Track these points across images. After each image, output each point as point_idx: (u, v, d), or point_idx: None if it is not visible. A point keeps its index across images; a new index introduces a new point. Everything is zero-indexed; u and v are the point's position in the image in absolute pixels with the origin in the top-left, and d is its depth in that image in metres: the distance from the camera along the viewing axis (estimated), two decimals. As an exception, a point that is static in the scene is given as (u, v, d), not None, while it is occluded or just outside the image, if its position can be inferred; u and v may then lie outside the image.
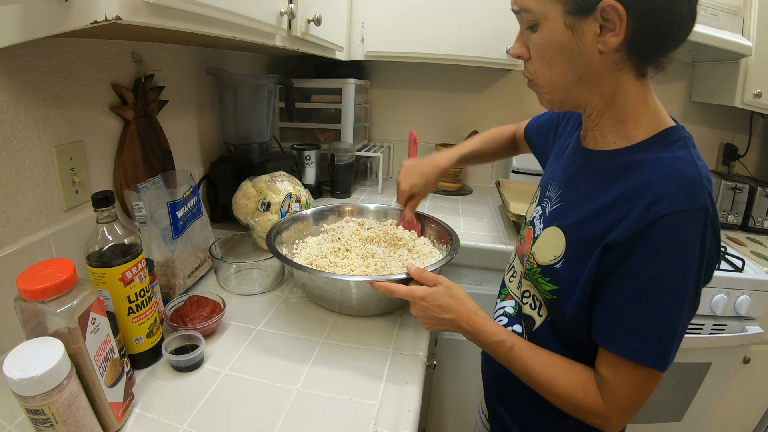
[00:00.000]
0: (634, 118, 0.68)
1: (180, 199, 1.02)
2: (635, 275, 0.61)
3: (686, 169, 0.61)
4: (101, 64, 1.00)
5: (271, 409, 0.74)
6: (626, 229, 0.61)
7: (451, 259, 1.01)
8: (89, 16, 0.59)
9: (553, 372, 0.70)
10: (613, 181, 0.67)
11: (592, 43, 0.62)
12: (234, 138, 1.53)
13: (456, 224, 1.66)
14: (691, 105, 2.09)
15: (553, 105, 0.73)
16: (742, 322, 1.52)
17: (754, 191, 1.89)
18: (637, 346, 0.62)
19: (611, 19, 0.59)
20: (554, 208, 0.78)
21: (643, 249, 0.60)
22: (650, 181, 0.61)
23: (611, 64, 0.64)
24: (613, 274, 0.63)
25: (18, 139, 0.81)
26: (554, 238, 0.74)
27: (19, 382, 0.53)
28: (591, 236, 0.67)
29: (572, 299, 0.68)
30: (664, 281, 0.60)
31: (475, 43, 1.70)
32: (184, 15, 0.71)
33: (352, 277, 0.95)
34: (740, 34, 1.64)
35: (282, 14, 1.03)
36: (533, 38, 0.67)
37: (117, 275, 0.73)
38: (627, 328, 0.62)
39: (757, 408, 1.76)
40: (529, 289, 0.81)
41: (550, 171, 0.87)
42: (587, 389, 0.67)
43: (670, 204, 0.59)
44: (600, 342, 0.66)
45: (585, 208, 0.70)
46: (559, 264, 0.72)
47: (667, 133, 0.66)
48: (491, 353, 0.77)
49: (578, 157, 0.77)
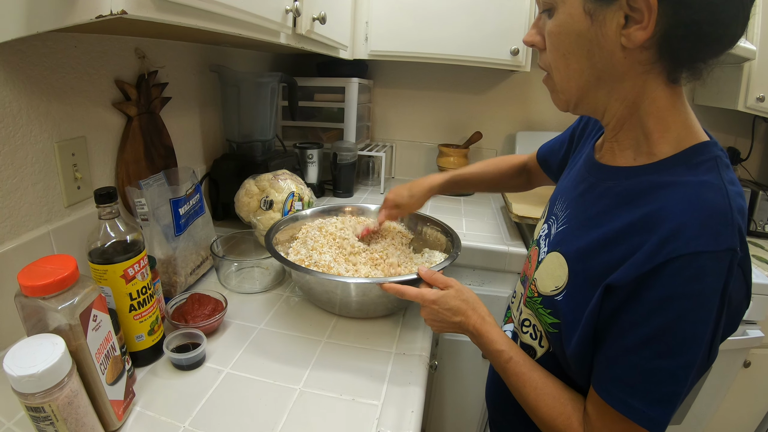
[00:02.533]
0: (661, 132, 0.57)
1: (182, 196, 1.01)
2: (639, 325, 0.52)
3: (712, 199, 0.51)
4: (105, 59, 1.00)
5: (273, 409, 0.73)
6: (633, 269, 0.52)
7: (455, 258, 1.01)
8: (94, 10, 0.58)
9: (540, 395, 0.65)
10: (624, 205, 0.58)
11: (615, 35, 0.53)
12: (237, 136, 1.53)
13: (458, 225, 1.66)
14: (694, 108, 2.05)
15: (567, 106, 0.63)
16: (743, 326, 1.51)
17: (756, 195, 1.88)
18: (633, 403, 0.53)
19: (639, 9, 0.50)
20: (560, 230, 0.70)
21: (650, 295, 0.51)
22: (666, 212, 0.52)
23: (637, 64, 0.55)
24: (615, 320, 0.55)
25: (20, 134, 0.81)
26: (557, 266, 0.65)
27: (19, 379, 0.53)
28: (596, 270, 0.58)
29: (572, 338, 0.60)
30: (672, 336, 0.51)
31: (479, 43, 1.69)
32: (189, 11, 0.71)
33: (356, 279, 0.94)
34: (744, 38, 1.63)
35: (287, 12, 1.02)
36: (549, 25, 0.58)
37: (119, 272, 0.72)
38: (625, 383, 0.54)
39: (757, 412, 1.76)
40: (530, 318, 0.73)
41: (561, 184, 0.79)
42: (569, 422, 0.61)
43: (687, 243, 0.49)
44: (596, 389, 0.58)
45: (590, 235, 0.61)
46: (560, 296, 0.63)
47: (695, 150, 0.55)
48: (491, 360, 0.74)
49: (590, 172, 0.68)
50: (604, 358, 0.57)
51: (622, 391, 0.54)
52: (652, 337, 0.51)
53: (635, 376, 0.53)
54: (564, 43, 0.57)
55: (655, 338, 0.51)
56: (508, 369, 0.69)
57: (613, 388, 0.55)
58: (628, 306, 0.53)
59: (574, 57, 0.57)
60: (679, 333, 0.50)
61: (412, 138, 2.28)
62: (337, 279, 0.91)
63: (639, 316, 0.52)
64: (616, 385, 0.55)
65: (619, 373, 0.55)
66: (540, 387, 0.66)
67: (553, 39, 0.58)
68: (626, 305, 0.53)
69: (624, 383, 0.54)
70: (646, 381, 0.53)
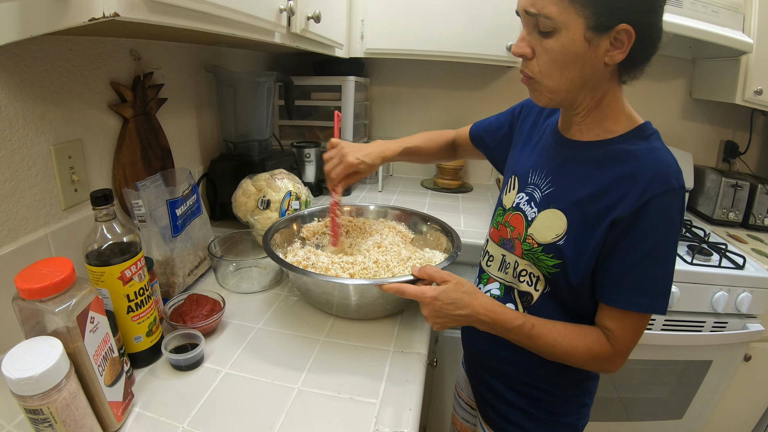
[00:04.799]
0: (616, 116, 0.79)
1: (179, 197, 1.01)
2: (637, 245, 0.73)
3: (668, 158, 0.74)
4: (100, 62, 1.00)
5: (272, 408, 0.74)
6: (629, 207, 0.72)
7: (454, 258, 1.01)
8: (87, 13, 0.58)
9: (572, 339, 0.79)
10: (604, 167, 0.77)
11: (602, 55, 0.70)
12: (233, 136, 1.53)
13: (456, 222, 1.66)
14: (692, 102, 2.08)
15: (549, 103, 0.80)
16: (743, 320, 1.52)
17: (755, 188, 1.88)
18: (643, 300, 0.74)
19: (621, 40, 0.69)
20: (546, 193, 0.85)
21: (643, 224, 0.72)
22: (641, 167, 0.73)
23: (608, 74, 0.75)
24: (618, 245, 0.74)
25: (16, 137, 0.81)
26: (554, 218, 0.82)
27: (17, 382, 0.53)
28: (593, 214, 0.76)
29: (579, 269, 0.78)
30: (660, 249, 0.73)
31: (475, 40, 1.69)
32: (182, 12, 0.71)
33: (354, 280, 0.94)
34: (741, 31, 1.63)
35: (281, 11, 1.02)
36: (548, 43, 0.72)
37: (116, 274, 0.73)
38: (634, 290, 0.74)
39: (758, 405, 1.76)
40: (526, 267, 0.87)
41: (527, 160, 0.93)
42: (601, 342, 0.78)
43: (661, 185, 0.71)
44: (608, 302, 0.77)
45: (581, 191, 0.79)
46: (561, 241, 0.80)
47: (641, 128, 0.78)
48: (511, 338, 0.82)
49: (565, 147, 0.85)
50: (611, 279, 0.76)
51: (633, 296, 0.74)
52: (647, 253, 0.73)
53: (640, 282, 0.74)
54: (563, 59, 0.72)
55: (650, 254, 0.73)
56: (534, 335, 0.80)
57: (624, 297, 0.75)
58: (627, 234, 0.73)
59: (570, 69, 0.73)
60: (665, 246, 0.73)
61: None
62: (335, 280, 0.91)
63: (637, 239, 0.73)
64: (627, 294, 0.75)
65: (627, 284, 0.75)
66: (568, 333, 0.80)
67: (553, 55, 0.72)
68: (626, 233, 0.73)
69: (633, 290, 0.74)
70: (648, 283, 0.74)
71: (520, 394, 0.93)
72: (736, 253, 1.55)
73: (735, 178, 1.90)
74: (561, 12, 0.68)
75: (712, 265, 1.49)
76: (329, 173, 1.08)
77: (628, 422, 1.74)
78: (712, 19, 1.58)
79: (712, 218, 1.95)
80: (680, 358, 1.56)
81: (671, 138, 2.10)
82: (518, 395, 0.94)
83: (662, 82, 2.07)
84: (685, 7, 1.55)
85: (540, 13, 0.70)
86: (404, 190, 2.11)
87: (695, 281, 1.47)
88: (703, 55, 1.94)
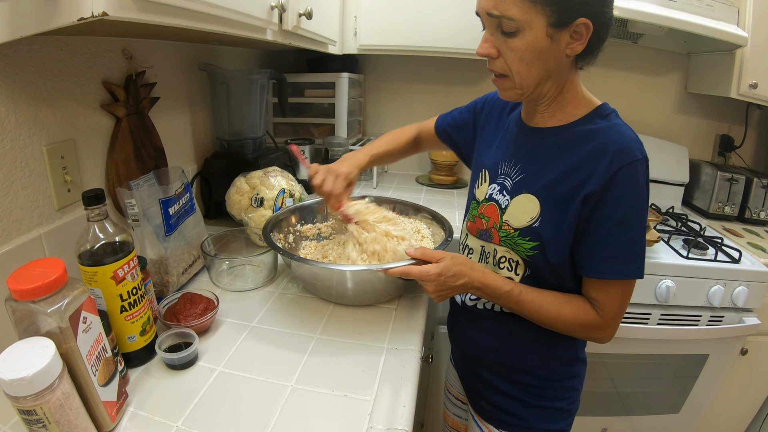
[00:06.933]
0: (575, 101, 0.84)
1: (172, 196, 1.01)
2: (610, 215, 0.77)
3: (628, 132, 0.80)
4: (92, 61, 0.99)
5: (266, 406, 0.74)
6: (598, 181, 0.76)
7: (448, 243, 1.04)
8: (76, 12, 0.58)
9: (558, 304, 0.84)
10: (570, 148, 0.82)
11: (564, 48, 0.75)
12: (227, 134, 1.53)
13: (452, 216, 1.66)
14: (687, 96, 2.08)
15: (519, 98, 0.84)
16: (740, 314, 1.52)
17: (750, 182, 1.89)
18: (622, 267, 0.79)
19: (580, 32, 0.74)
20: (517, 180, 0.89)
21: (613, 194, 0.76)
22: (606, 143, 0.78)
23: (569, 63, 0.80)
24: (592, 218, 0.78)
25: (8, 138, 0.81)
26: (527, 203, 0.85)
27: (10, 383, 0.53)
28: (565, 193, 0.80)
29: (558, 248, 0.82)
30: (632, 215, 0.78)
31: (469, 35, 1.68)
32: (172, 10, 0.70)
33: (355, 266, 0.95)
34: (736, 24, 1.63)
35: (273, 8, 1.02)
36: (513, 42, 0.75)
37: (109, 273, 0.73)
38: (612, 257, 0.79)
39: (754, 399, 1.77)
40: (506, 254, 0.90)
41: (495, 154, 0.97)
42: (587, 310, 0.83)
43: (626, 157, 0.76)
44: (590, 274, 0.82)
45: (551, 174, 0.83)
46: (536, 223, 0.84)
47: (600, 108, 0.83)
48: (501, 303, 0.89)
49: (531, 135, 0.89)
50: (587, 251, 0.81)
51: (612, 264, 0.79)
52: (620, 221, 0.77)
53: (617, 249, 0.79)
54: (529, 56, 0.76)
55: (622, 221, 0.77)
56: (522, 300, 0.85)
57: (604, 266, 0.80)
58: (599, 206, 0.77)
59: (536, 65, 0.77)
60: (635, 212, 0.78)
61: (405, 132, 2.27)
62: (336, 267, 0.93)
63: (608, 210, 0.77)
64: (606, 263, 0.79)
65: (605, 253, 0.79)
66: (554, 298, 0.85)
67: (519, 53, 0.76)
68: (598, 206, 0.77)
69: (611, 258, 0.79)
70: (624, 249, 0.79)
71: (512, 382, 0.95)
72: (732, 247, 1.56)
73: (730, 172, 1.90)
74: (523, 12, 0.72)
75: (708, 259, 1.49)
76: (331, 190, 1.02)
77: (626, 417, 1.75)
78: (706, 12, 1.58)
79: (708, 212, 1.96)
80: (677, 353, 1.56)
81: (666, 132, 2.10)
82: (510, 383, 0.96)
83: (657, 76, 2.07)
84: (679, 1, 1.55)
85: (503, 15, 0.73)
86: (399, 186, 2.11)
87: (691, 275, 1.47)
88: (698, 49, 1.94)
